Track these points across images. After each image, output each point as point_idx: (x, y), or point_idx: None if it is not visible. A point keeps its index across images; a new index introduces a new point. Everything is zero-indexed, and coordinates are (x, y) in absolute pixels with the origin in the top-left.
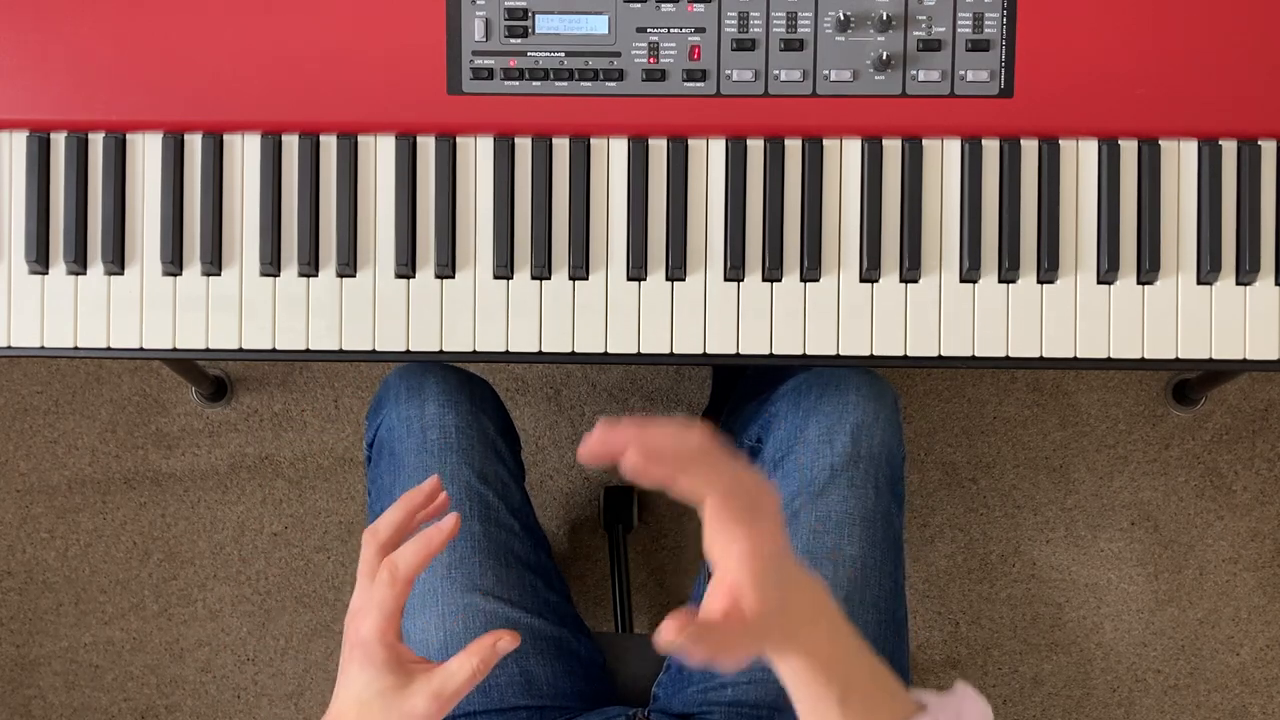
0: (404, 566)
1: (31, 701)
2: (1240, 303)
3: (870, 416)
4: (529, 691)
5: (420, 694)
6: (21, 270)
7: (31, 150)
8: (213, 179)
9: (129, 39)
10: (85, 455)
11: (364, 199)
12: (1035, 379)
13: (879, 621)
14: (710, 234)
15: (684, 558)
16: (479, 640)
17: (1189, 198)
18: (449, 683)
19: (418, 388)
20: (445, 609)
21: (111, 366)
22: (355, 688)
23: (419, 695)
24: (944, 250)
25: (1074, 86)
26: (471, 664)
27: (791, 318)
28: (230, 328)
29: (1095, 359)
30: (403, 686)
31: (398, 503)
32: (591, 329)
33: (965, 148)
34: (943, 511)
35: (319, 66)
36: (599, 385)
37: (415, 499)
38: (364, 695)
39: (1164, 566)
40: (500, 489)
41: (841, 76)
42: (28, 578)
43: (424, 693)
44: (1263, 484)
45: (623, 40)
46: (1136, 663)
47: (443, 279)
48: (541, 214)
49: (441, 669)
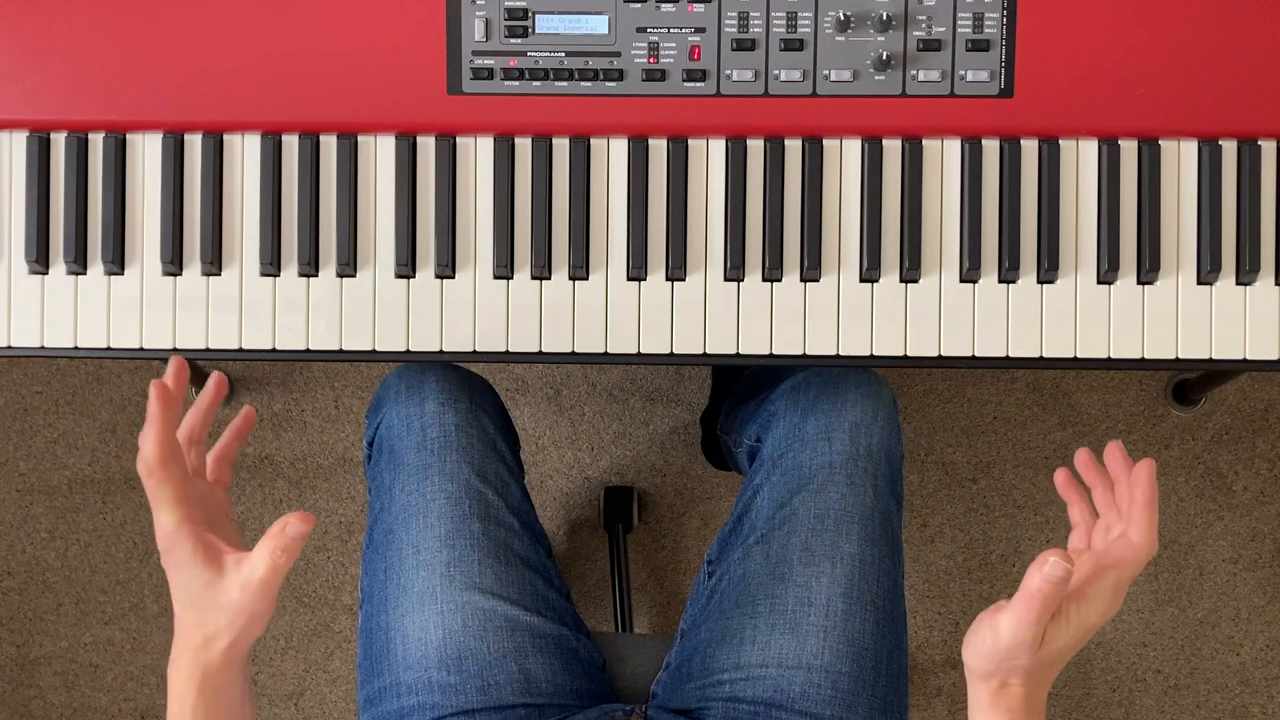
0: (147, 447)
1: (31, 701)
2: (1240, 303)
3: (868, 415)
4: (528, 690)
5: (233, 585)
6: (21, 270)
7: (31, 150)
8: (213, 179)
9: (129, 39)
10: (85, 455)
11: (364, 199)
12: (1035, 379)
13: (877, 620)
14: (710, 234)
15: (684, 558)
16: (271, 529)
17: (1189, 198)
18: (254, 572)
19: (417, 386)
20: (444, 607)
21: (111, 366)
22: (179, 592)
23: (232, 586)
24: (944, 250)
25: (1074, 86)
26: (268, 552)
27: (791, 318)
28: (230, 328)
29: (1095, 359)
30: (217, 579)
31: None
32: (591, 329)
33: (965, 148)
34: (943, 511)
35: (319, 66)
36: (599, 385)
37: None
38: (188, 595)
39: (1164, 566)
40: (500, 487)
41: (841, 76)
42: (28, 578)
43: (235, 584)
44: (1263, 484)
45: (623, 40)
46: (1136, 663)
47: (443, 279)
48: (541, 214)
49: (247, 558)
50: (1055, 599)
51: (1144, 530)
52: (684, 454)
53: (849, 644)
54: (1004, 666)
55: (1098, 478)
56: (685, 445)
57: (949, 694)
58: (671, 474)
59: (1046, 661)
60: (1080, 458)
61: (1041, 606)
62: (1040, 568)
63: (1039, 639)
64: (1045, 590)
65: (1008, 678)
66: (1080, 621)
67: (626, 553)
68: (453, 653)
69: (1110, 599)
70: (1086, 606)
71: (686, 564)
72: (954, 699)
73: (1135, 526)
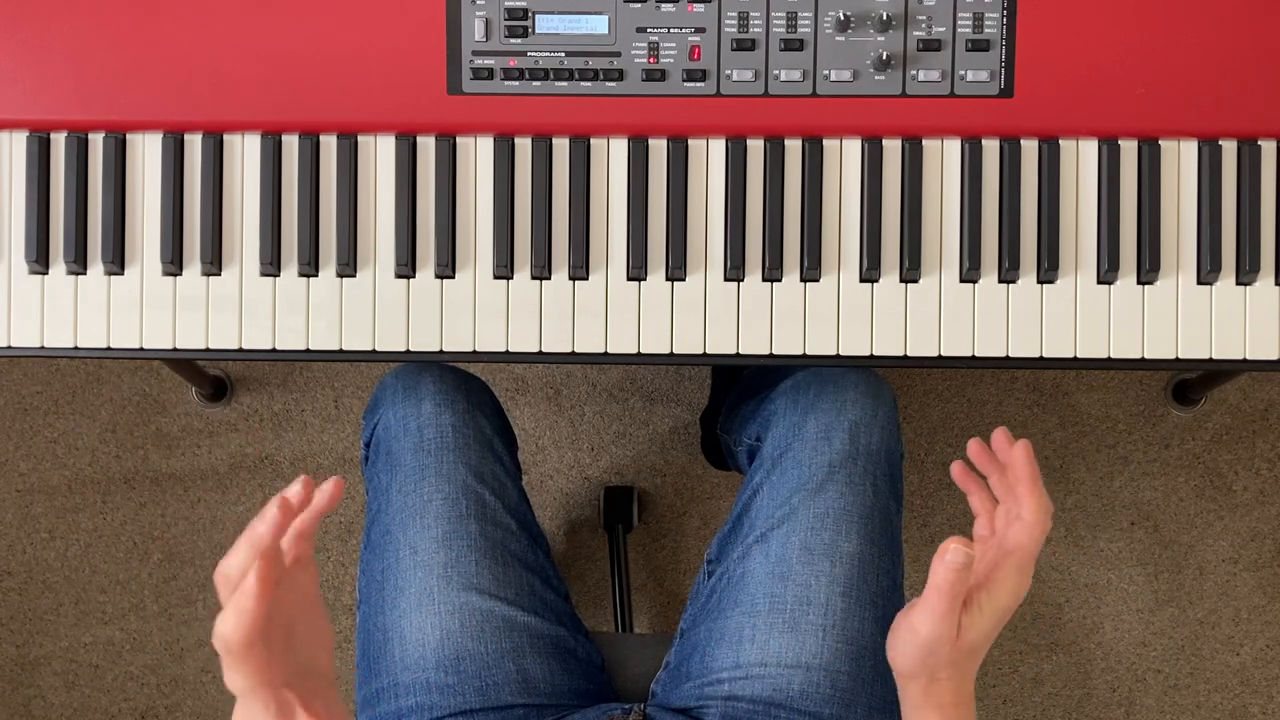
0: (233, 629)
1: (31, 701)
2: (1240, 303)
3: (868, 414)
4: (526, 690)
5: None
6: (21, 270)
7: (31, 150)
8: (213, 179)
9: (129, 39)
10: (85, 455)
11: (364, 199)
12: (1035, 379)
13: (876, 619)
14: (710, 234)
15: (684, 558)
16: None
17: (1189, 198)
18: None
19: (414, 387)
20: (442, 608)
21: (111, 366)
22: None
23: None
24: (944, 250)
25: (1074, 86)
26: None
27: (791, 318)
28: (230, 328)
29: (1095, 359)
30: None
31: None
32: (591, 329)
33: (965, 148)
34: (943, 511)
35: (319, 66)
36: (599, 385)
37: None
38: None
39: (1164, 566)
40: (497, 488)
41: (841, 76)
42: (28, 578)
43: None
44: (1263, 484)
45: (623, 40)
46: (1136, 663)
47: (443, 279)
48: (541, 214)
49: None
50: (962, 586)
51: (1032, 508)
52: (684, 454)
53: (848, 643)
54: (928, 662)
55: (989, 465)
56: (685, 445)
57: None
58: (671, 474)
59: (967, 651)
60: (972, 448)
61: (951, 596)
62: (942, 558)
63: (955, 629)
64: (951, 579)
65: (934, 672)
66: (993, 607)
67: (626, 553)
68: (450, 654)
69: (1018, 580)
70: (996, 590)
71: (686, 564)
72: None
73: (1024, 506)
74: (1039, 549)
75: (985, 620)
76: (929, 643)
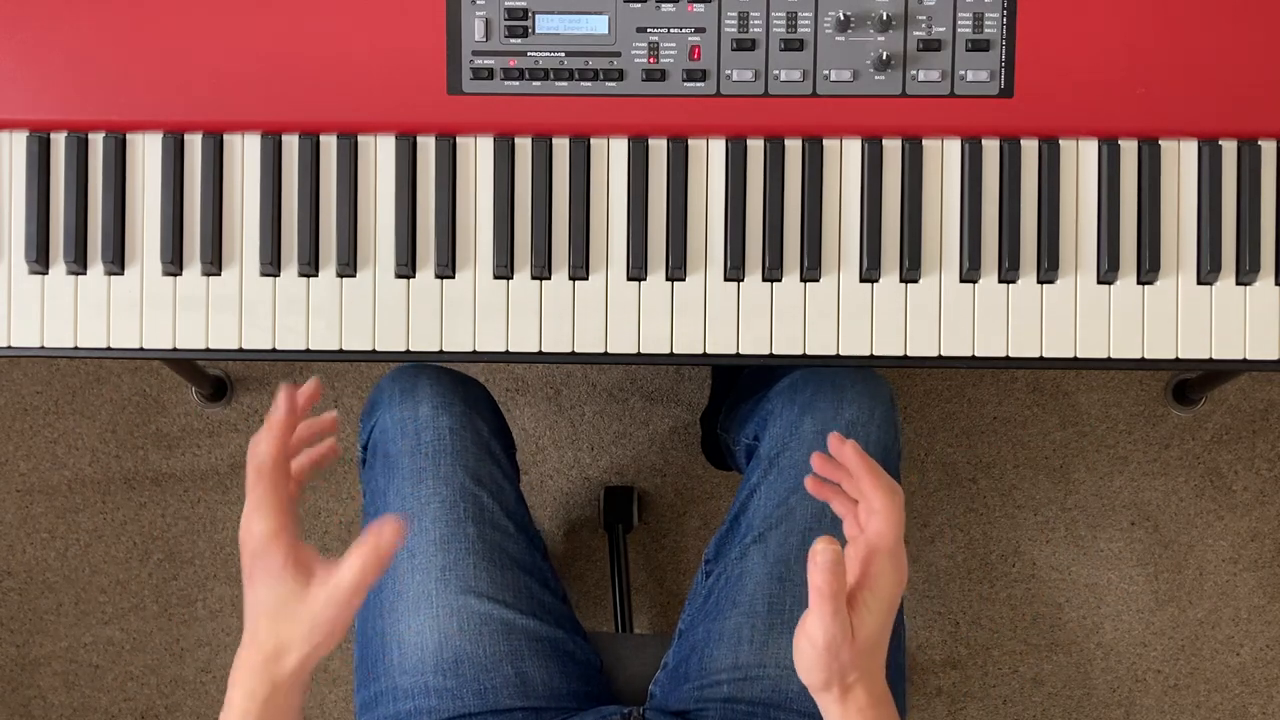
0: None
1: (31, 701)
2: (1240, 303)
3: (866, 413)
4: (524, 693)
5: (318, 597)
6: (21, 270)
7: (31, 150)
8: (213, 179)
9: (129, 39)
10: (85, 455)
11: (364, 199)
12: (1035, 379)
13: None
14: (710, 234)
15: (684, 558)
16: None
17: (1189, 198)
18: (342, 582)
19: (411, 389)
20: (439, 611)
21: (111, 366)
22: (260, 600)
23: (317, 598)
24: (944, 250)
25: (1074, 86)
26: (359, 561)
27: (791, 318)
28: (230, 328)
29: (1095, 359)
30: (303, 590)
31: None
32: (591, 329)
33: (965, 148)
34: (943, 511)
35: (319, 66)
36: (599, 385)
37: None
38: (268, 605)
39: (1164, 566)
40: (494, 490)
41: (841, 76)
42: (28, 578)
43: (320, 595)
44: (1263, 484)
45: (623, 40)
46: (1136, 663)
47: (443, 279)
48: (541, 214)
49: (335, 570)
50: (840, 583)
51: (878, 497)
52: (684, 454)
53: None
54: (834, 668)
55: (835, 471)
56: (685, 445)
57: (949, 694)
58: (671, 474)
59: (867, 649)
60: (815, 461)
61: (834, 596)
62: (815, 561)
63: (849, 629)
64: (828, 578)
65: (844, 678)
66: (877, 601)
67: (626, 553)
68: (449, 657)
69: (893, 569)
70: (876, 584)
71: (686, 564)
72: (954, 699)
73: (871, 496)
74: (901, 531)
75: (874, 615)
76: (828, 647)
